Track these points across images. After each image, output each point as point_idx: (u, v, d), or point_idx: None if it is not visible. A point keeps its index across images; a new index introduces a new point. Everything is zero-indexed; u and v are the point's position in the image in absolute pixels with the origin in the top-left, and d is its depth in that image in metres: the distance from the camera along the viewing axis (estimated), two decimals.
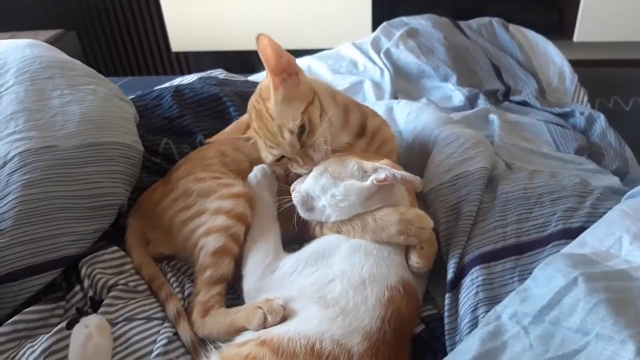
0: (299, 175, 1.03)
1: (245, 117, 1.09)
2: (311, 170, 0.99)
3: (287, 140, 0.97)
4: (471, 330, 0.81)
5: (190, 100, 1.39)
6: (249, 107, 1.06)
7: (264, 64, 0.97)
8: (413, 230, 0.90)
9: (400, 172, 0.89)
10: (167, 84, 1.58)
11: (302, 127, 0.97)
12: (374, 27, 2.02)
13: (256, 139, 1.04)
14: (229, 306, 0.94)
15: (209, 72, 1.69)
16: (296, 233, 1.04)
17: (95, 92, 1.24)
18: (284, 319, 0.83)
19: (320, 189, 0.95)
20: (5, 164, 1.04)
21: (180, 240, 1.04)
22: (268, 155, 1.02)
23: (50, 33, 2.68)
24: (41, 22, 2.97)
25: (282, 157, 1.01)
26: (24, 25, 2.86)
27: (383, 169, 0.90)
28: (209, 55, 3.07)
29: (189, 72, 3.17)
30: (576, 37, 2.60)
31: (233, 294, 1.01)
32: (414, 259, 0.92)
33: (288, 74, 0.99)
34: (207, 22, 2.84)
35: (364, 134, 1.08)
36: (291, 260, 0.94)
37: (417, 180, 0.90)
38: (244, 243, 1.00)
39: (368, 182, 0.91)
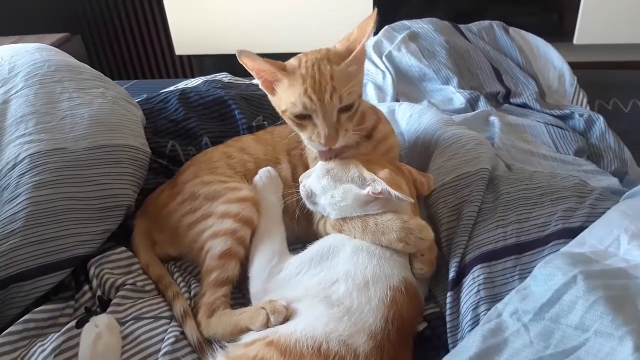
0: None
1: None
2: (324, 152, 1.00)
3: (332, 104, 0.93)
4: (473, 328, 0.82)
5: (195, 103, 1.40)
6: (300, 57, 1.00)
7: (354, 37, 0.99)
8: (412, 240, 0.91)
9: (394, 192, 0.90)
10: (172, 87, 1.59)
11: (348, 107, 0.95)
12: (376, 31, 2.03)
13: (290, 82, 0.96)
14: (236, 306, 0.96)
15: (214, 75, 1.71)
16: (301, 231, 1.06)
17: (104, 95, 1.26)
18: (286, 319, 0.84)
19: (321, 188, 0.98)
20: (15, 165, 1.05)
21: (187, 242, 1.06)
22: (297, 105, 0.94)
23: (56, 37, 2.69)
24: (46, 26, 2.99)
25: (306, 117, 0.96)
26: (29, 29, 2.87)
27: (380, 184, 0.91)
28: (212, 59, 3.07)
29: (193, 76, 3.19)
30: (576, 40, 2.61)
31: (239, 294, 1.03)
32: (417, 266, 0.94)
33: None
34: (210, 25, 2.85)
35: (371, 137, 1.09)
36: (296, 261, 0.95)
37: (411, 200, 0.93)
38: (250, 245, 1.01)
39: (364, 192, 0.94)
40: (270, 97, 1.03)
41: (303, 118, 0.96)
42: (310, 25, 2.73)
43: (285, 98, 0.96)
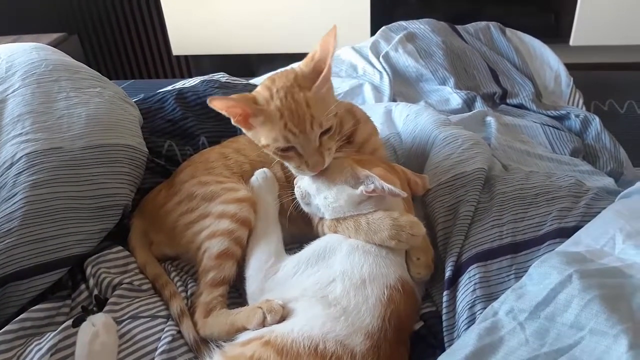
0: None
1: (249, 93, 0.99)
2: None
3: (314, 132, 0.92)
4: (469, 327, 0.82)
5: (193, 103, 1.40)
6: (268, 84, 0.97)
7: (319, 57, 0.94)
8: (404, 237, 0.91)
9: (388, 185, 0.90)
10: (169, 87, 1.60)
11: (328, 129, 0.95)
12: (373, 32, 2.03)
13: (267, 119, 0.94)
14: (233, 306, 0.96)
15: (211, 75, 1.71)
16: (297, 230, 1.06)
17: (101, 94, 1.26)
18: (283, 318, 0.85)
19: (315, 189, 0.99)
20: (12, 165, 1.05)
21: (184, 242, 1.06)
22: (279, 140, 0.93)
23: (53, 37, 2.68)
24: (43, 26, 2.99)
25: (290, 149, 0.95)
26: (26, 29, 2.87)
27: (373, 181, 0.92)
28: (210, 59, 3.08)
29: (190, 76, 3.19)
30: (572, 41, 2.62)
31: (235, 293, 1.03)
32: (414, 270, 0.94)
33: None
34: (207, 25, 2.85)
35: (353, 141, 1.09)
36: (292, 261, 0.96)
37: (404, 195, 0.92)
38: (247, 245, 1.01)
39: (358, 191, 0.94)
40: (246, 132, 1.00)
41: (287, 150, 0.95)
42: (307, 25, 2.73)
43: (265, 133, 0.95)
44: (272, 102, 0.94)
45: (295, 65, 1.00)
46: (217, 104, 0.94)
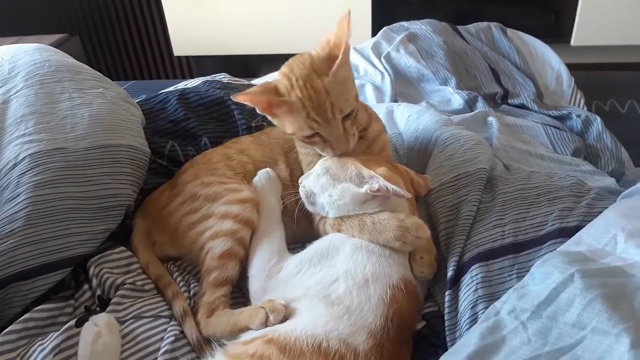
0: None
1: (270, 82, 1.01)
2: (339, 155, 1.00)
3: (335, 119, 0.95)
4: (471, 326, 0.83)
5: (195, 104, 1.40)
6: (286, 73, 0.99)
7: (333, 41, 0.97)
8: (409, 239, 0.91)
9: (392, 186, 0.90)
10: (172, 88, 1.60)
11: (349, 114, 0.97)
12: (374, 32, 2.04)
13: (290, 109, 0.97)
14: (236, 306, 0.96)
15: (213, 76, 1.71)
16: (300, 231, 1.06)
17: (103, 95, 1.26)
18: (285, 318, 0.85)
19: (320, 187, 0.99)
20: (15, 165, 1.05)
21: (187, 242, 1.06)
22: (304, 129, 0.97)
23: (54, 37, 2.69)
24: (45, 26, 2.99)
25: (315, 135, 0.98)
26: (28, 30, 2.87)
27: (378, 180, 0.92)
28: (211, 60, 3.08)
29: (191, 76, 3.18)
30: (573, 41, 2.62)
31: (238, 293, 1.03)
32: (418, 269, 0.94)
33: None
34: (208, 26, 2.85)
35: (365, 136, 1.10)
36: (295, 260, 0.96)
37: (408, 196, 0.93)
38: (250, 245, 1.02)
39: (362, 190, 0.94)
40: (272, 120, 1.03)
41: (312, 136, 0.98)
42: (308, 26, 2.73)
43: (289, 123, 0.99)
44: (293, 92, 0.96)
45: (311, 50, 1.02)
46: (241, 98, 0.98)
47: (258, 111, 1.01)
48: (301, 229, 1.07)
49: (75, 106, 1.19)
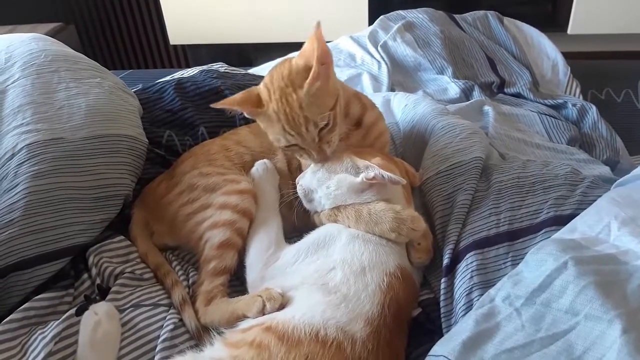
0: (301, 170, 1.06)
1: (255, 88, 1.02)
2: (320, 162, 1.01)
3: (310, 133, 0.96)
4: (466, 313, 0.84)
5: (192, 93, 1.40)
6: (267, 83, 0.99)
7: (309, 52, 0.94)
8: (405, 230, 0.92)
9: (387, 173, 0.91)
10: (168, 77, 1.59)
11: (326, 124, 0.97)
12: (371, 21, 2.03)
13: (268, 119, 0.98)
14: (234, 295, 0.97)
15: (210, 65, 1.70)
16: (298, 221, 1.07)
17: (100, 85, 1.25)
18: (282, 306, 0.86)
19: (316, 182, 1.00)
20: (13, 155, 1.05)
21: (185, 232, 1.07)
22: (281, 140, 0.98)
23: (49, 26, 2.67)
24: (40, 15, 2.96)
25: (293, 145, 0.99)
26: (23, 19, 2.85)
27: (373, 169, 0.93)
28: (207, 48, 3.06)
29: (187, 65, 3.18)
30: (570, 30, 2.62)
31: (237, 282, 1.04)
32: (415, 255, 0.95)
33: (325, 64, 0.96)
34: (205, 15, 2.84)
35: (361, 125, 1.11)
36: (292, 249, 0.97)
37: (404, 182, 0.94)
38: (247, 235, 1.03)
39: (359, 179, 0.95)
40: (260, 124, 1.04)
41: (290, 146, 1.00)
42: (305, 14, 2.72)
43: (269, 132, 1.01)
44: (271, 104, 0.97)
45: (295, 54, 1.01)
46: (223, 105, 1.00)
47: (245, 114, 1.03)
48: (300, 221, 1.08)
49: (73, 96, 1.18)
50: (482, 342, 0.71)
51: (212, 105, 1.00)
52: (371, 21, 2.02)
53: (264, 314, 0.86)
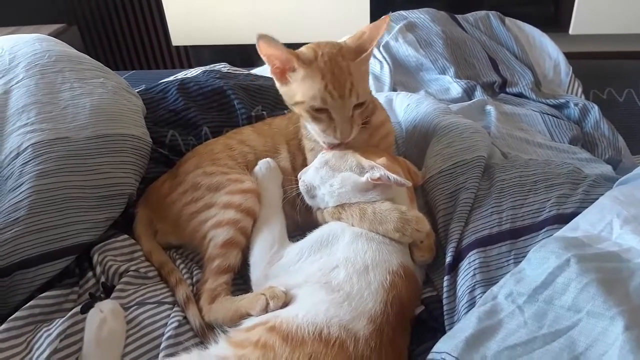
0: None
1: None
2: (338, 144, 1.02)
3: (349, 101, 0.97)
4: (469, 311, 0.84)
5: (195, 93, 1.41)
6: (313, 47, 1.01)
7: (364, 36, 1.01)
8: (409, 231, 0.92)
9: (393, 175, 0.92)
10: (171, 78, 1.60)
11: (362, 103, 0.99)
12: (372, 21, 2.03)
13: (310, 75, 0.97)
14: (238, 293, 0.98)
15: (212, 65, 1.71)
16: (301, 221, 1.07)
17: (104, 85, 1.26)
18: (285, 304, 0.86)
19: (319, 179, 1.00)
20: (18, 155, 1.06)
21: (189, 231, 1.07)
22: (317, 99, 0.96)
23: (53, 27, 2.68)
24: (43, 16, 2.98)
25: (323, 111, 0.98)
26: (26, 20, 2.86)
27: (379, 170, 0.93)
28: (209, 49, 3.07)
29: (190, 66, 3.19)
30: (572, 30, 2.62)
31: (240, 280, 1.04)
32: (418, 253, 0.96)
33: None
34: (207, 16, 2.84)
35: (369, 123, 1.11)
36: (296, 248, 0.97)
37: (409, 184, 0.95)
38: (251, 234, 1.03)
39: (364, 178, 0.96)
40: (279, 86, 1.04)
41: (320, 111, 0.99)
42: (307, 15, 2.73)
43: (303, 91, 0.99)
44: (315, 63, 0.97)
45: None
46: (262, 45, 0.99)
47: (269, 72, 1.03)
48: (303, 219, 1.08)
49: (77, 96, 1.19)
50: (485, 339, 0.71)
51: (257, 41, 0.98)
52: (373, 22, 2.02)
53: (267, 312, 0.86)
